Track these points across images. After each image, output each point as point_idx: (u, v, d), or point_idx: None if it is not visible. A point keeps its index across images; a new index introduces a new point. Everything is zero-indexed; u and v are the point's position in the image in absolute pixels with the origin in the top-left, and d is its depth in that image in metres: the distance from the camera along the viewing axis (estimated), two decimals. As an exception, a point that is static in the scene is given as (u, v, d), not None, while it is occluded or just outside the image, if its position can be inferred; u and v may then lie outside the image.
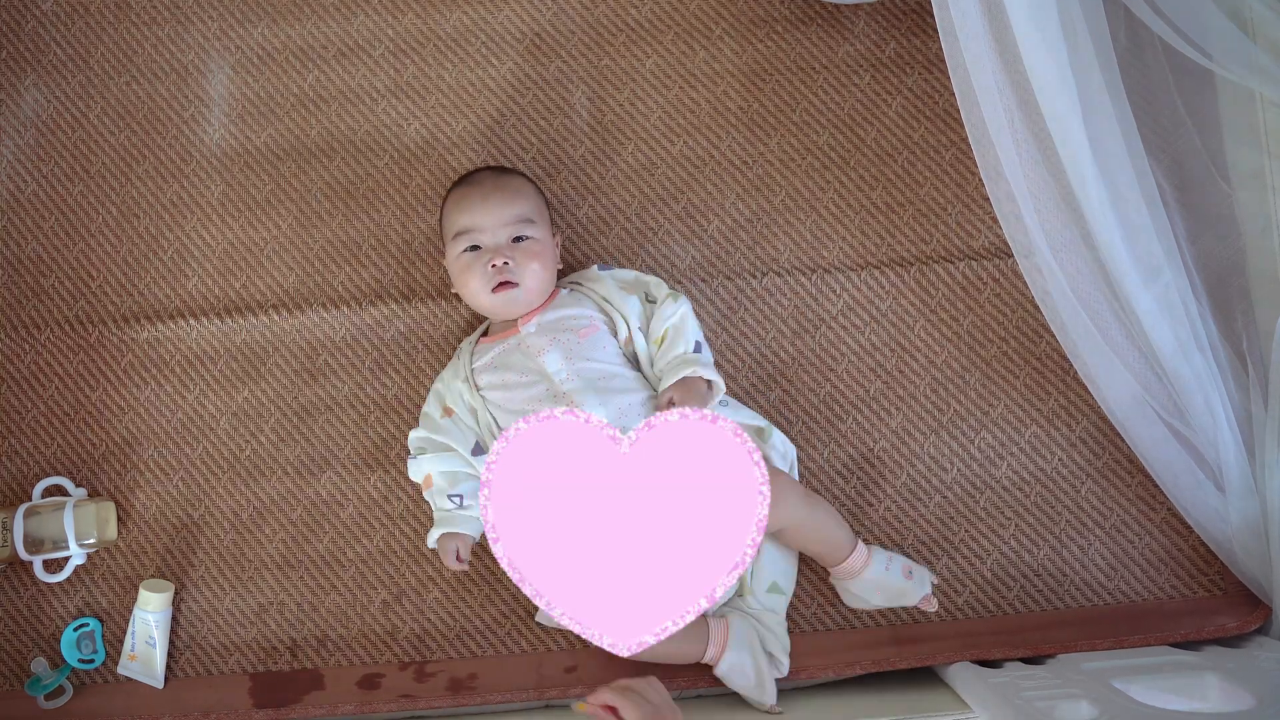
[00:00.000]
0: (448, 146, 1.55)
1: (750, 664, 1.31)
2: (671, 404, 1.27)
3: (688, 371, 1.31)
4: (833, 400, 1.47)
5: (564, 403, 1.28)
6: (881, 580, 1.34)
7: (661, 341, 1.36)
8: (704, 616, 1.31)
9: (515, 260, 1.34)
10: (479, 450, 1.37)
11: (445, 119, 1.55)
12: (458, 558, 1.35)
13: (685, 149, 1.53)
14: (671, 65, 1.55)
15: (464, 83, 1.56)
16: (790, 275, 1.49)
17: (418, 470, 1.39)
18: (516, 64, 1.56)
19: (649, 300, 1.40)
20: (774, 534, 1.34)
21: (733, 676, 1.32)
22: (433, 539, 1.38)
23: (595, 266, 1.45)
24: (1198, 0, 1.24)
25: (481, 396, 1.37)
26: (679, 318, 1.36)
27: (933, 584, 1.37)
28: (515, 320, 1.38)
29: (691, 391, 1.30)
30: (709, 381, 1.33)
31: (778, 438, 1.40)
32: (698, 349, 1.35)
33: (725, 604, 1.37)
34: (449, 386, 1.41)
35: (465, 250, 1.36)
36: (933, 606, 1.37)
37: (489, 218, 1.35)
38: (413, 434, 1.41)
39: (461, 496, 1.36)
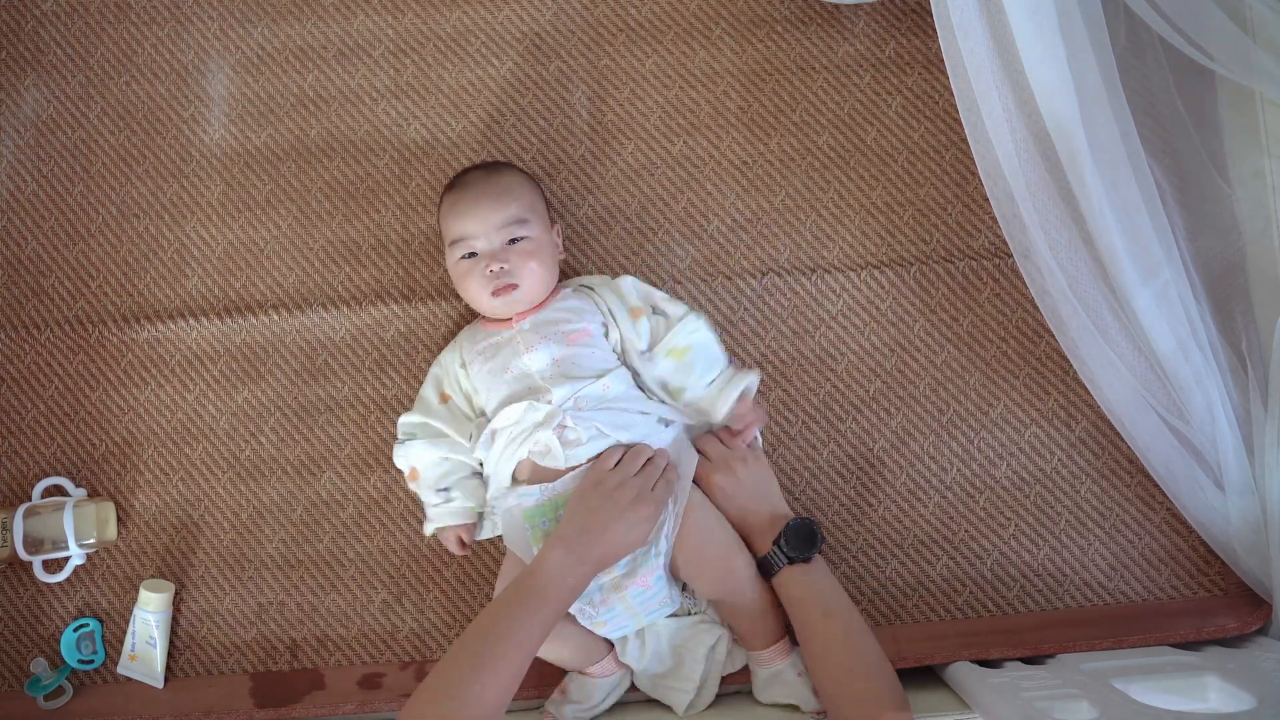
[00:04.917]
0: (448, 146, 1.55)
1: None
2: (734, 431, 1.37)
3: (743, 386, 1.33)
4: (833, 400, 1.47)
5: (543, 397, 1.29)
6: (793, 681, 1.30)
7: (685, 354, 1.35)
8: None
9: (511, 263, 1.33)
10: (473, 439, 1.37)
11: (445, 119, 1.55)
12: (460, 543, 1.38)
13: (685, 149, 1.53)
14: (671, 65, 1.55)
15: (464, 83, 1.56)
16: (790, 275, 1.49)
17: (404, 458, 1.38)
18: (516, 64, 1.56)
19: (657, 313, 1.38)
20: (716, 601, 1.33)
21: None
22: (429, 530, 1.39)
23: (624, 279, 1.42)
24: (1198, 0, 1.24)
25: (471, 380, 1.37)
26: (703, 334, 1.36)
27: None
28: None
29: (754, 405, 1.36)
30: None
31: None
32: (729, 363, 1.38)
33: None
34: (447, 369, 1.41)
35: (463, 257, 1.36)
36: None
37: (481, 223, 1.34)
38: (404, 418, 1.39)
39: (449, 490, 1.36)
